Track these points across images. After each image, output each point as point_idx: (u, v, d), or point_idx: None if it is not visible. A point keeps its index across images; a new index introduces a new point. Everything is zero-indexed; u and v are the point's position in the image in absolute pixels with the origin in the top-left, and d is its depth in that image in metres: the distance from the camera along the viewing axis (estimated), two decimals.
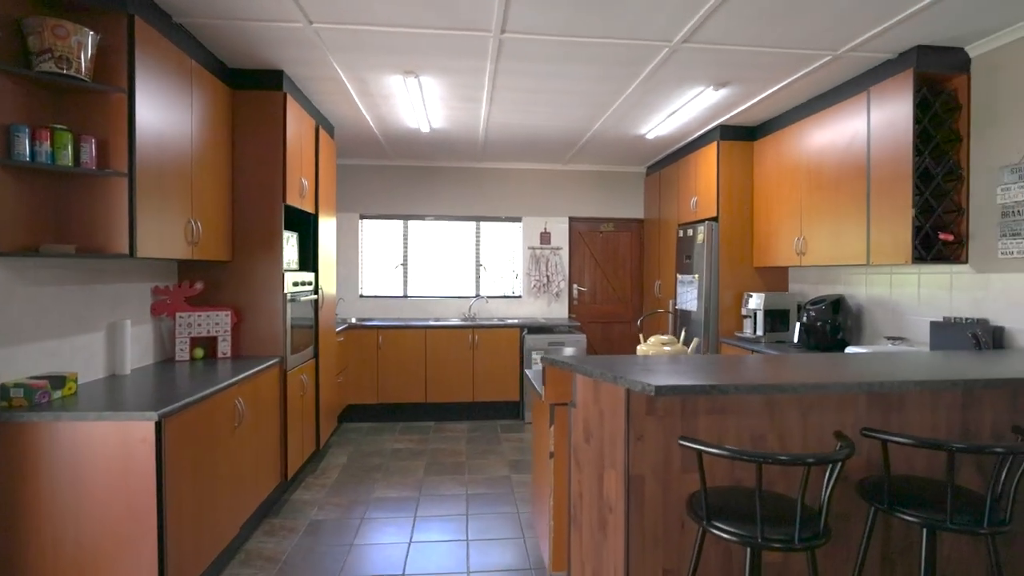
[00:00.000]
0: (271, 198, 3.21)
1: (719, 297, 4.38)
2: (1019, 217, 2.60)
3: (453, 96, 3.65)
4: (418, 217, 5.84)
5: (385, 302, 5.77)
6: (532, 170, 5.93)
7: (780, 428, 1.99)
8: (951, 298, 2.97)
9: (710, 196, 4.45)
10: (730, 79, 3.31)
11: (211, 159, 2.92)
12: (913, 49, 2.84)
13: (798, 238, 3.79)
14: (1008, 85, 2.66)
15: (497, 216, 5.90)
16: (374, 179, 5.75)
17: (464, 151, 5.29)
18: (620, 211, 6.05)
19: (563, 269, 5.94)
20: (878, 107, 3.06)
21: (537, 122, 4.25)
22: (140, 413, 1.94)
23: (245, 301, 3.21)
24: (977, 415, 2.10)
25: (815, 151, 3.61)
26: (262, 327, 3.22)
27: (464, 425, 5.16)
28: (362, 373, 5.10)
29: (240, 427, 2.66)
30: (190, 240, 2.69)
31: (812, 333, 3.62)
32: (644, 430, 1.91)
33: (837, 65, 3.08)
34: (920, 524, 1.67)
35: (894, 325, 3.34)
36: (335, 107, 3.92)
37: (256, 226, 3.20)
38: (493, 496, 3.54)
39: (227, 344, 3.12)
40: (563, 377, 2.27)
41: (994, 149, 2.73)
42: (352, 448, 4.48)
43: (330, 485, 3.69)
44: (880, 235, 3.05)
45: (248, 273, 3.21)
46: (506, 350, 5.26)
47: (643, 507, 1.92)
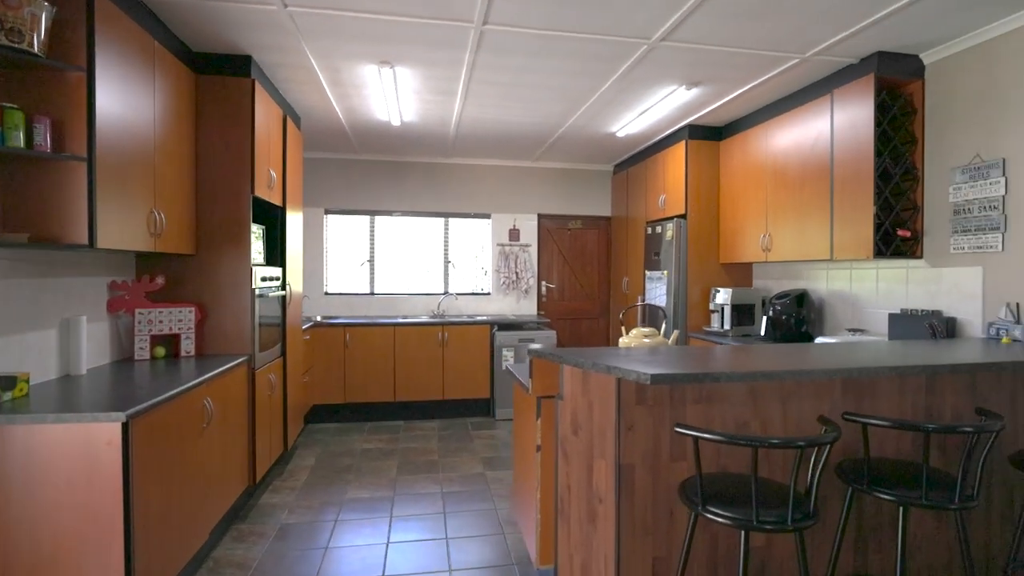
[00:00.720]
0: (239, 189, 3.07)
1: (687, 292, 4.48)
2: (969, 215, 2.77)
3: (428, 89, 3.60)
4: (385, 213, 5.72)
5: (351, 299, 5.63)
6: (501, 167, 5.91)
7: (763, 415, 2.05)
8: (907, 291, 3.14)
9: (679, 194, 4.55)
10: (702, 79, 3.39)
11: (174, 147, 2.77)
12: (874, 55, 2.98)
13: (764, 235, 3.92)
14: (958, 91, 2.83)
15: (466, 212, 5.86)
16: (340, 173, 5.60)
17: (434, 146, 5.22)
18: (588, 208, 6.11)
19: (532, 266, 5.95)
20: (841, 109, 3.20)
21: (510, 117, 4.23)
22: (106, 414, 1.81)
23: (210, 297, 3.06)
24: (940, 399, 2.22)
25: (780, 151, 3.74)
26: (229, 324, 3.07)
27: (434, 423, 5.10)
28: (329, 372, 4.96)
29: (208, 428, 2.53)
30: (153, 231, 2.54)
31: (778, 326, 3.75)
32: (634, 420, 1.93)
33: (803, 68, 3.20)
34: (897, 502, 1.75)
35: (854, 317, 3.50)
36: (304, 97, 3.79)
37: (223, 218, 3.06)
38: (469, 493, 3.51)
39: (191, 342, 2.96)
40: (550, 370, 2.26)
41: (946, 151, 2.89)
42: (320, 449, 4.35)
43: (299, 487, 3.57)
44: (843, 232, 3.19)
45: (214, 267, 3.06)
46: (476, 347, 5.23)
47: (633, 496, 1.93)
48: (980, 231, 2.71)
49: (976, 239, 2.73)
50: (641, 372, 1.67)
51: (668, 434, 1.96)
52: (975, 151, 2.74)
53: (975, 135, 2.74)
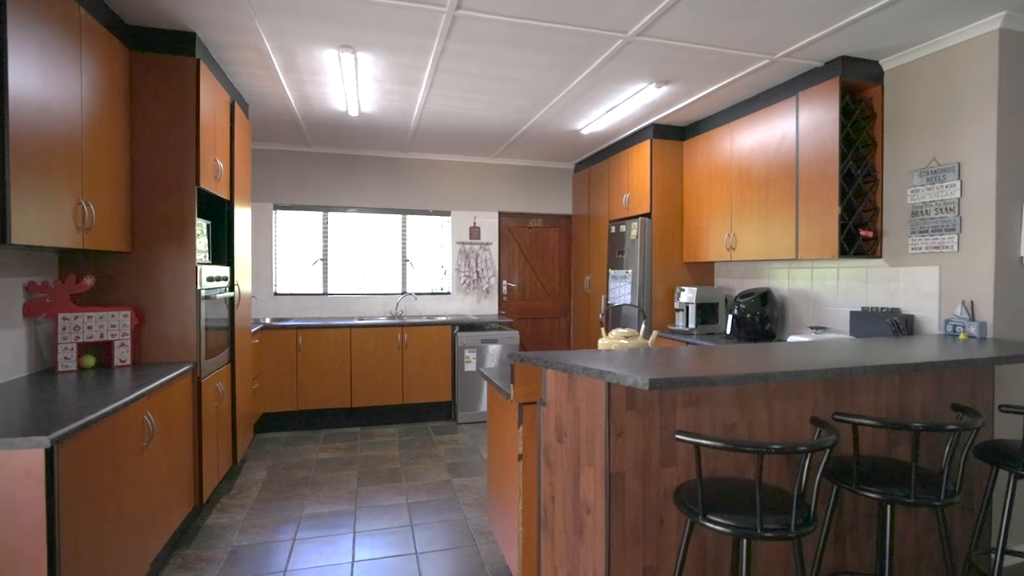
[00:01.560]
0: (182, 180, 2.79)
1: (652, 291, 4.48)
2: (926, 216, 2.87)
3: (391, 77, 3.40)
4: (339, 209, 5.45)
5: (303, 300, 5.32)
6: (462, 163, 5.75)
7: (749, 417, 2.02)
8: (867, 290, 3.23)
9: (643, 193, 4.55)
10: (672, 77, 3.37)
11: (107, 132, 2.47)
12: (838, 59, 3.04)
13: (728, 234, 3.96)
14: (915, 97, 2.93)
15: (424, 210, 5.66)
16: (290, 167, 5.29)
17: (392, 140, 5.00)
18: (549, 207, 6.05)
19: (493, 265, 5.83)
20: (806, 111, 3.26)
21: (476, 111, 4.09)
22: (25, 439, 1.55)
23: (149, 299, 2.76)
24: (911, 395, 2.27)
25: (745, 152, 3.78)
26: (171, 329, 2.79)
27: (394, 429, 4.89)
28: (279, 378, 4.66)
29: (149, 446, 2.27)
30: (81, 225, 2.24)
31: (742, 324, 3.80)
32: (624, 425, 1.85)
33: (770, 70, 3.23)
34: (885, 500, 1.75)
35: (815, 315, 3.59)
36: (253, 82, 3.51)
37: (164, 212, 2.77)
38: (436, 503, 3.35)
39: (126, 350, 2.66)
40: (533, 375, 2.15)
41: (904, 155, 2.99)
42: (271, 461, 4.07)
43: (251, 505, 3.30)
44: (808, 232, 3.25)
45: (153, 267, 2.76)
46: (437, 349, 5.05)
47: (624, 505, 1.85)
48: (937, 232, 2.81)
49: (933, 240, 2.83)
50: (638, 377, 1.58)
51: (658, 439, 1.89)
52: (932, 155, 2.84)
53: (932, 139, 2.84)
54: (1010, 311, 2.60)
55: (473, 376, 5.06)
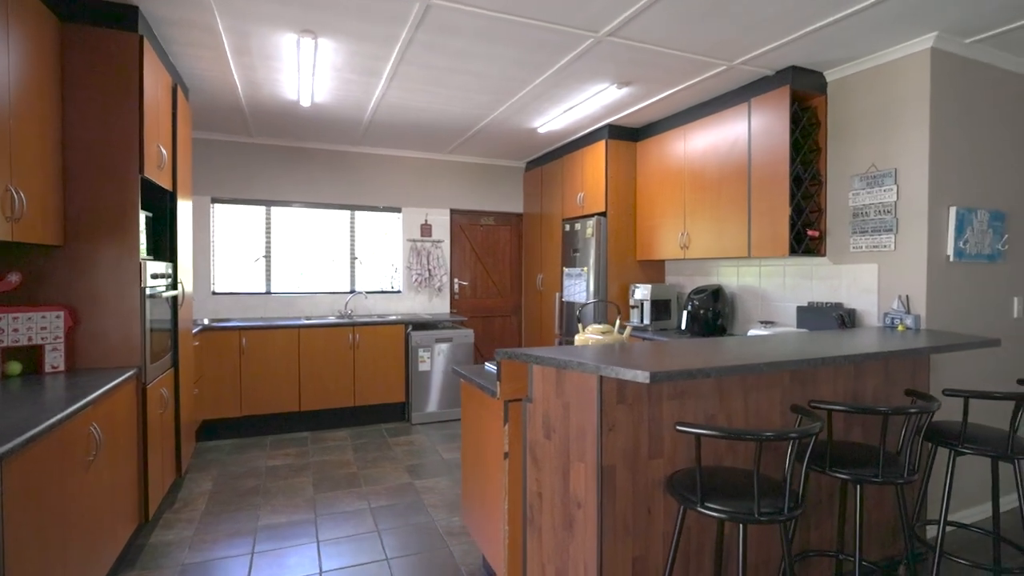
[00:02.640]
0: (124, 168, 2.54)
1: (607, 289, 4.58)
2: (866, 218, 3.11)
3: (351, 67, 3.27)
4: (283, 203, 5.18)
5: (244, 299, 5.01)
6: (413, 158, 5.63)
7: (728, 408, 2.10)
8: (811, 286, 3.46)
9: (598, 192, 4.64)
10: (633, 79, 3.46)
11: (36, 110, 2.20)
12: (789, 68, 3.23)
13: (682, 233, 4.11)
14: (855, 108, 3.16)
15: (374, 206, 5.49)
16: (231, 158, 4.96)
17: (343, 132, 4.81)
18: (500, 205, 6.04)
19: (445, 263, 5.75)
20: (758, 116, 3.44)
21: (435, 105, 4.01)
22: None
23: (85, 298, 2.50)
24: (863, 382, 2.45)
25: (698, 154, 3.94)
26: (111, 331, 2.53)
27: (345, 432, 4.71)
28: (221, 382, 4.37)
29: (96, 460, 2.05)
30: (9, 215, 1.99)
31: (696, 319, 3.96)
32: (616, 420, 1.87)
33: (726, 76, 3.38)
34: (853, 480, 1.88)
35: (764, 311, 3.80)
36: (197, 64, 3.26)
37: (103, 202, 2.51)
38: (401, 507, 3.26)
39: (59, 354, 2.39)
40: (519, 372, 2.13)
41: (846, 160, 3.22)
42: (217, 471, 3.80)
43: (198, 519, 3.07)
44: (760, 231, 3.43)
45: (89, 262, 2.50)
46: (390, 349, 4.92)
47: (615, 498, 1.88)
48: (876, 232, 3.05)
49: (872, 239, 3.07)
50: (638, 372, 1.60)
51: (647, 432, 1.93)
52: (871, 161, 3.08)
53: (871, 147, 3.08)
54: (940, 304, 2.86)
55: (427, 376, 4.97)
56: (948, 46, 2.81)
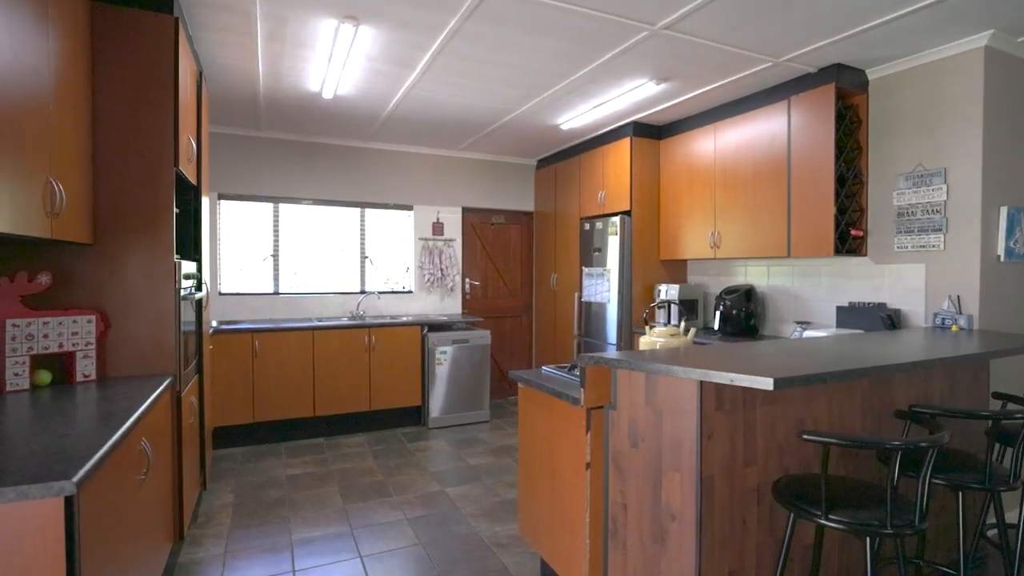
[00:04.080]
0: (158, 161, 2.35)
1: (632, 289, 4.51)
2: (912, 217, 3.10)
3: (386, 56, 3.12)
4: (292, 200, 4.97)
5: (252, 300, 4.80)
6: (425, 155, 5.47)
7: (814, 413, 2.04)
8: (850, 286, 3.44)
9: (622, 190, 4.56)
10: (674, 74, 3.38)
11: (73, 98, 2.01)
12: (833, 66, 3.19)
13: (712, 232, 4.06)
14: (899, 106, 3.15)
15: (385, 203, 5.32)
16: (238, 153, 4.73)
17: (357, 127, 4.63)
18: (511, 203, 5.92)
19: (457, 262, 5.61)
20: (799, 114, 3.40)
21: (462, 99, 3.88)
22: (41, 487, 1.19)
23: (117, 300, 2.31)
24: (931, 386, 2.42)
25: (731, 152, 3.89)
26: (143, 335, 2.35)
27: (362, 438, 4.54)
28: (233, 387, 4.16)
29: (147, 480, 1.88)
30: (49, 211, 1.80)
31: (728, 320, 3.92)
32: (714, 427, 1.79)
33: (767, 73, 3.33)
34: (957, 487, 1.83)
35: (798, 311, 3.77)
36: (220, 51, 3.07)
37: (135, 197, 2.32)
38: (438, 517, 3.13)
39: (90, 362, 2.20)
40: (603, 378, 2.03)
41: (889, 159, 3.20)
42: (235, 481, 3.60)
43: (226, 534, 2.89)
44: (801, 230, 3.40)
45: (122, 261, 2.31)
46: (406, 351, 4.76)
47: (713, 509, 1.79)
48: (923, 232, 3.04)
49: (919, 239, 3.06)
50: (761, 377, 1.52)
51: (742, 439, 1.85)
52: (918, 160, 3.07)
53: (918, 146, 3.06)
54: (993, 305, 2.86)
55: (444, 378, 4.83)
56: (1002, 45, 2.81)
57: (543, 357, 5.82)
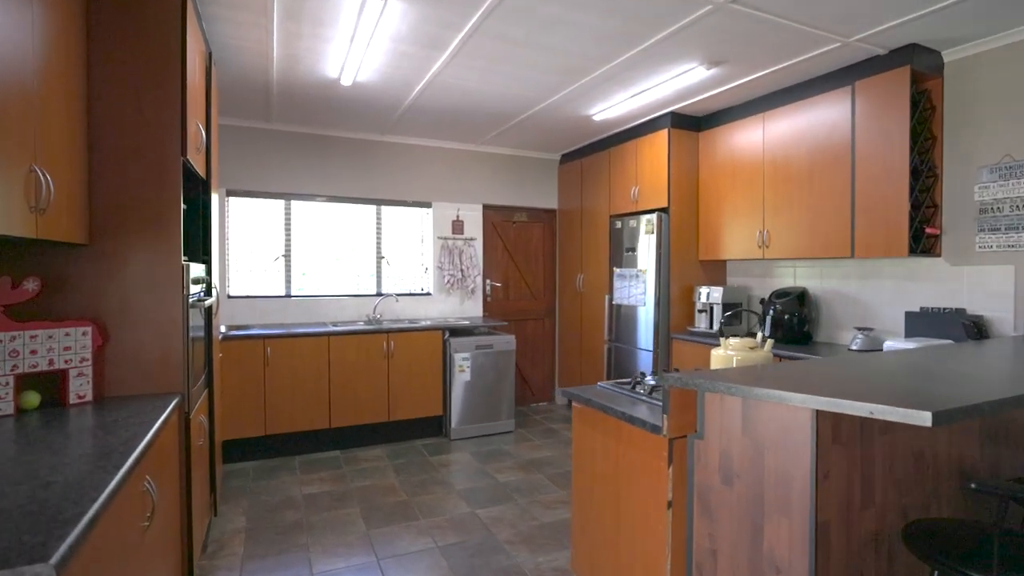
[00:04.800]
0: (163, 151, 2.06)
1: (670, 291, 4.21)
2: (999, 214, 2.78)
3: (414, 37, 2.82)
4: (305, 197, 4.68)
5: (262, 304, 4.51)
6: (443, 149, 5.17)
7: (934, 444, 1.73)
8: (919, 289, 3.13)
9: (658, 186, 4.26)
10: (728, 57, 3.08)
11: (61, 80, 1.72)
12: (908, 47, 2.88)
13: (761, 231, 3.76)
14: (980, 91, 2.84)
15: (403, 200, 5.03)
16: (246, 146, 4.45)
17: (373, 119, 4.34)
18: (534, 200, 5.62)
19: (478, 262, 5.31)
20: (865, 101, 3.09)
21: (491, 87, 3.58)
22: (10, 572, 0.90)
23: (116, 309, 2.02)
24: None
25: (782, 144, 3.59)
26: (147, 349, 2.06)
27: (380, 451, 4.25)
28: (244, 398, 3.87)
29: (152, 524, 1.58)
30: (34, 205, 1.51)
31: (779, 326, 3.61)
32: (830, 464, 1.49)
33: (831, 56, 3.02)
34: None
35: (858, 316, 3.46)
36: (234, 32, 2.78)
37: (136, 190, 2.03)
38: (473, 545, 2.83)
39: (85, 380, 1.91)
40: (687, 402, 1.73)
41: (969, 150, 2.89)
42: (247, 502, 3.32)
43: (240, 566, 2.60)
44: (868, 228, 3.09)
45: (122, 264, 2.02)
46: (426, 358, 4.47)
47: (829, 561, 1.49)
48: (1012, 230, 2.73)
49: (1007, 237, 2.75)
50: (915, 411, 1.22)
51: (859, 477, 1.55)
52: (1005, 151, 2.75)
53: (1005, 134, 2.75)
54: None
55: (466, 387, 4.54)
56: None
57: (567, 362, 5.52)
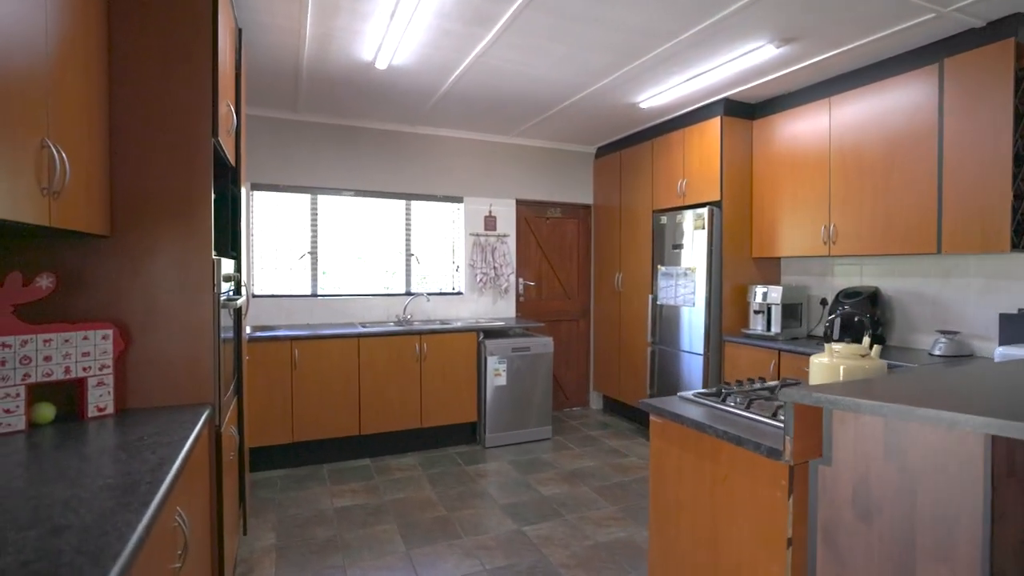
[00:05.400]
0: (192, 132, 1.83)
1: (722, 291, 3.92)
2: None
3: (460, 12, 2.57)
4: (332, 191, 4.46)
5: (288, 303, 4.30)
6: (476, 141, 4.93)
7: None
8: (1014, 289, 2.81)
9: (709, 178, 3.97)
10: (804, 32, 2.79)
11: (79, 50, 1.50)
12: (1011, 17, 2.58)
13: (827, 225, 3.46)
14: None
15: (432, 195, 4.79)
16: (273, 137, 4.24)
17: (406, 109, 4.11)
18: (568, 195, 5.36)
19: (512, 260, 5.06)
20: (956, 80, 2.78)
21: (536, 70, 3.32)
22: None
23: (139, 309, 1.79)
24: None
25: (853, 130, 3.28)
26: (175, 355, 1.83)
27: (412, 459, 4.02)
28: (271, 403, 3.66)
29: (184, 564, 1.35)
30: (47, 186, 1.28)
31: (849, 328, 3.31)
32: (1006, 501, 1.21)
33: (919, 29, 2.72)
34: None
35: (937, 318, 3.15)
36: (266, 6, 2.55)
37: (164, 176, 1.80)
38: (525, 568, 2.58)
39: (106, 391, 1.69)
40: (812, 420, 1.46)
41: None
42: (275, 516, 3.10)
43: None
44: (958, 222, 2.78)
45: (146, 259, 1.80)
46: (460, 361, 4.23)
47: None
48: None
49: None
50: None
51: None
52: None
53: None
54: None
55: (502, 391, 4.28)
56: None
57: (603, 365, 5.25)
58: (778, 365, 3.45)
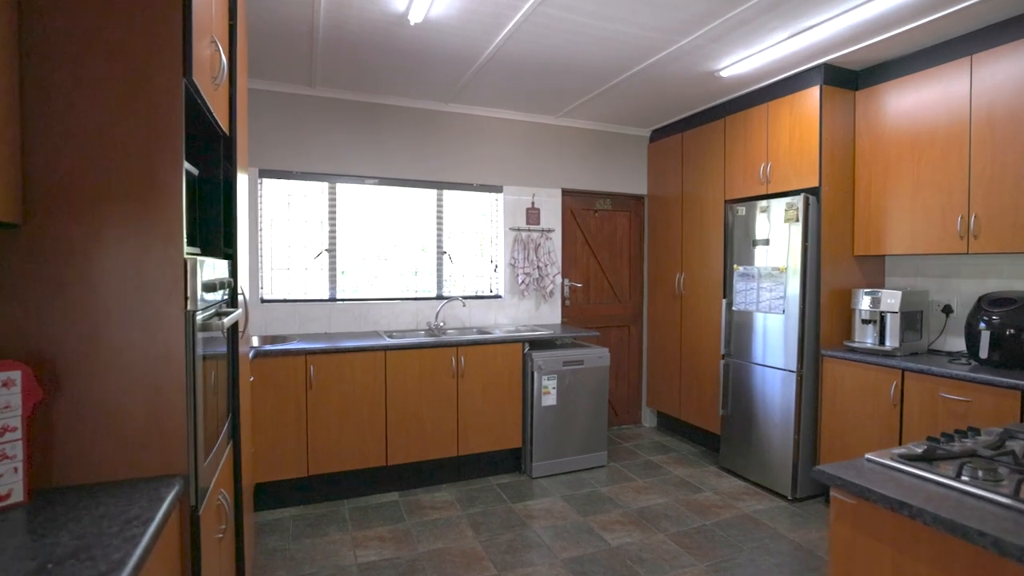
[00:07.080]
0: (152, 68, 1.24)
1: (820, 295, 3.24)
2: None
3: None
4: (353, 178, 3.88)
5: (303, 309, 3.73)
6: (515, 122, 4.30)
7: None
8: None
9: (803, 160, 3.29)
10: None
11: None
12: None
13: (963, 216, 2.76)
14: None
15: (468, 183, 4.18)
16: (285, 116, 3.66)
17: (440, 81, 3.50)
18: (619, 184, 4.70)
19: (557, 259, 4.43)
20: None
21: (595, 34, 2.69)
22: None
23: (71, 338, 1.20)
24: None
25: (1003, 94, 2.58)
26: (125, 403, 1.24)
27: (447, 494, 3.41)
28: (281, 431, 3.08)
29: None
30: None
31: (1000, 345, 2.62)
32: None
33: None
34: None
35: None
36: None
37: (104, 137, 1.21)
38: None
39: (9, 468, 1.10)
40: None
41: None
42: (285, 573, 2.51)
43: None
44: None
45: (79, 261, 1.21)
46: (503, 377, 3.61)
47: None
48: None
49: None
50: None
51: None
52: None
53: None
54: None
55: (551, 412, 3.66)
56: None
57: (657, 379, 4.60)
58: (900, 387, 2.78)
